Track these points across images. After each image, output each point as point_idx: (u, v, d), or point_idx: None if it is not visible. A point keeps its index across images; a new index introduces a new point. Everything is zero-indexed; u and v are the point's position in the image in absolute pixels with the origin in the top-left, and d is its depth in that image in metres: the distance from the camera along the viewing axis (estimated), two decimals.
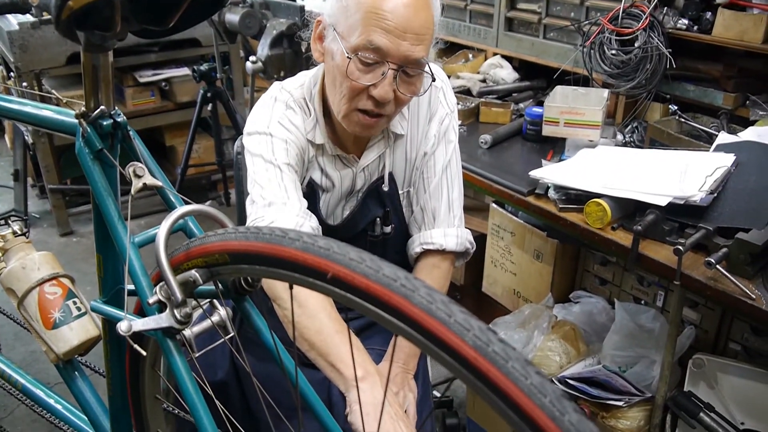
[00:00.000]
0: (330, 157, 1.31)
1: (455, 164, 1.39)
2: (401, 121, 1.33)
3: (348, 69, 1.12)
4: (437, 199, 1.36)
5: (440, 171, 1.36)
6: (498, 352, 0.50)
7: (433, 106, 1.35)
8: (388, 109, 1.18)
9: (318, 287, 0.59)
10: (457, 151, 1.40)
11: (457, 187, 1.40)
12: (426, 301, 0.53)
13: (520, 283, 2.13)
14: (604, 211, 1.46)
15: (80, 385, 1.16)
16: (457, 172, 1.40)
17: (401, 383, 1.26)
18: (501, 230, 2.12)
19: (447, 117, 1.36)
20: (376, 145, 1.33)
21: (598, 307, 1.95)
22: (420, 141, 1.36)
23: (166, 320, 0.71)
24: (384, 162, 1.35)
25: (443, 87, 1.36)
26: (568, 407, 0.49)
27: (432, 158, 1.36)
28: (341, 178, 1.33)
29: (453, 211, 1.38)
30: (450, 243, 1.36)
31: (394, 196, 1.37)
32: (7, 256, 1.15)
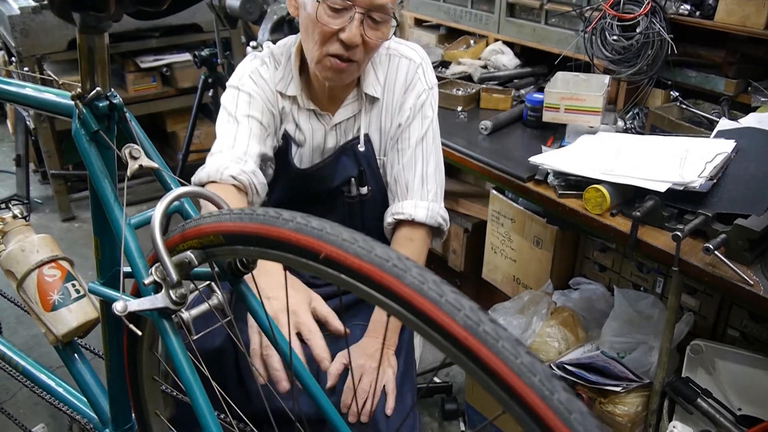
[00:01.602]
0: (305, 111, 1.39)
1: (431, 140, 1.41)
2: (375, 84, 1.38)
3: (318, 14, 1.20)
4: (410, 172, 1.39)
5: (414, 144, 1.39)
6: (488, 332, 0.50)
7: (410, 78, 1.39)
8: (358, 54, 1.24)
9: (311, 267, 0.59)
10: (434, 127, 1.42)
11: (433, 163, 1.41)
12: (417, 281, 0.53)
13: (519, 269, 2.14)
14: (603, 197, 1.46)
15: (79, 367, 1.17)
16: (434, 148, 1.42)
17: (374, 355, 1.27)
18: (501, 217, 2.12)
19: (425, 93, 1.39)
20: (350, 104, 1.39)
21: (597, 294, 1.96)
22: (395, 111, 1.40)
23: (162, 301, 0.71)
24: (359, 124, 1.40)
25: (423, 64, 1.41)
26: (557, 386, 0.49)
27: (407, 130, 1.39)
28: (312, 131, 1.40)
29: (427, 185, 1.39)
30: (420, 214, 1.37)
31: (371, 158, 1.42)
32: (6, 239, 1.15)
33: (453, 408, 2.08)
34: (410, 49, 1.42)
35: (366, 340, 1.31)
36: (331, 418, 0.87)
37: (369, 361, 1.24)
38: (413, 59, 1.40)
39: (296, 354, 0.89)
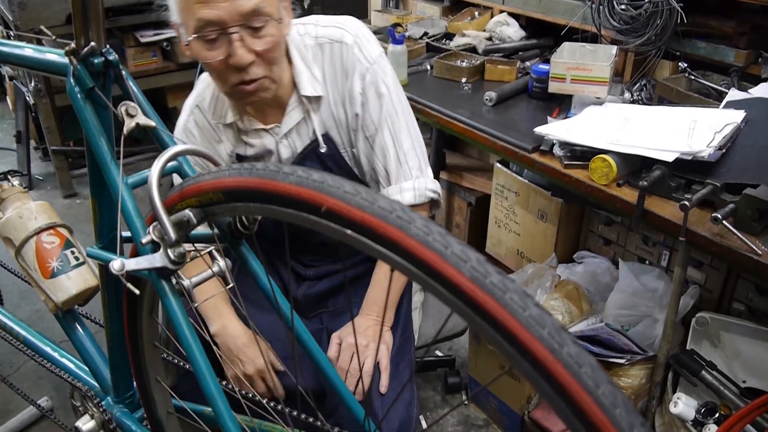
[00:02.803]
0: (253, 132, 1.32)
1: (396, 114, 1.31)
2: (313, 83, 1.28)
3: (197, 53, 1.12)
4: (385, 156, 1.31)
5: (380, 126, 1.30)
6: (495, 284, 0.48)
7: (347, 63, 1.28)
8: (258, 71, 1.15)
9: (312, 223, 0.57)
10: (395, 100, 1.32)
11: (406, 138, 1.33)
12: (422, 232, 0.51)
13: (523, 243, 2.12)
14: (609, 167, 1.44)
15: (80, 335, 1.16)
16: (402, 121, 1.33)
17: (372, 335, 1.27)
18: (505, 190, 2.10)
19: (368, 72, 1.28)
20: (294, 110, 1.30)
21: (602, 267, 1.94)
22: (345, 101, 1.30)
23: (160, 260, 0.70)
24: (312, 126, 1.31)
25: (356, 42, 1.28)
26: (566, 339, 0.48)
27: (367, 116, 1.30)
28: (264, 147, 1.33)
29: (406, 163, 1.32)
30: (407, 197, 1.32)
31: (336, 156, 1.34)
32: (3, 206, 1.13)
33: (456, 381, 2.08)
34: (339, 30, 1.29)
35: (359, 319, 1.31)
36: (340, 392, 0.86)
37: (360, 339, 1.23)
38: (345, 40, 1.27)
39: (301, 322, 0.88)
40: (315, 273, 1.46)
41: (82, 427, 1.05)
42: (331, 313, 1.45)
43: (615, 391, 0.47)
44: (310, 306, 1.46)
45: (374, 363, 1.24)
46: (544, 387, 0.47)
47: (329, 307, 1.46)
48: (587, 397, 0.46)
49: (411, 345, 1.42)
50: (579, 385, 0.46)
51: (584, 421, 0.46)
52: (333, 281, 1.46)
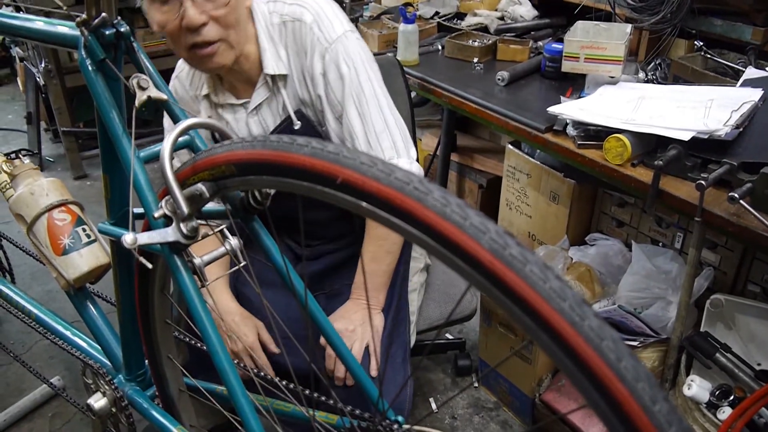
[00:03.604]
0: (227, 106, 1.33)
1: (363, 96, 1.26)
2: (276, 61, 1.26)
3: (152, 18, 1.12)
4: (353, 137, 1.26)
5: (346, 108, 1.26)
6: (515, 256, 0.47)
7: (306, 42, 1.25)
8: (212, 32, 1.13)
9: (328, 195, 0.56)
10: (363, 80, 1.26)
11: (377, 119, 1.27)
12: (440, 203, 0.50)
13: (535, 225, 2.10)
14: (624, 147, 1.42)
15: (91, 313, 1.16)
16: (373, 103, 1.27)
17: (360, 320, 1.27)
18: (517, 172, 2.09)
19: (327, 52, 1.23)
20: (262, 87, 1.29)
21: (615, 250, 1.92)
22: (307, 80, 1.28)
23: (172, 234, 0.69)
24: (282, 103, 1.30)
25: (315, 20, 1.24)
26: (588, 313, 0.46)
27: (332, 97, 1.26)
28: (237, 123, 1.33)
29: (378, 144, 1.27)
30: None
31: (311, 133, 1.31)
32: (15, 182, 1.13)
33: (466, 364, 2.07)
34: (300, 8, 1.25)
35: (348, 303, 1.30)
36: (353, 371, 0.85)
37: (347, 324, 1.23)
38: (303, 20, 1.24)
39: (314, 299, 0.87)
40: (311, 253, 1.46)
41: (94, 404, 1.06)
42: (327, 294, 1.45)
43: (637, 365, 0.46)
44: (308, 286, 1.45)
45: (362, 347, 1.24)
46: (564, 361, 0.46)
47: (326, 288, 1.45)
48: (609, 371, 0.45)
49: (404, 327, 1.41)
50: (600, 359, 0.45)
51: (606, 395, 0.45)
52: (330, 261, 1.46)
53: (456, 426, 1.94)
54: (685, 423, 0.45)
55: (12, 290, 1.37)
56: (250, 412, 0.71)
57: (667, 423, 0.44)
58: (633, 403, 0.44)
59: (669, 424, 0.44)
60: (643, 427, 0.44)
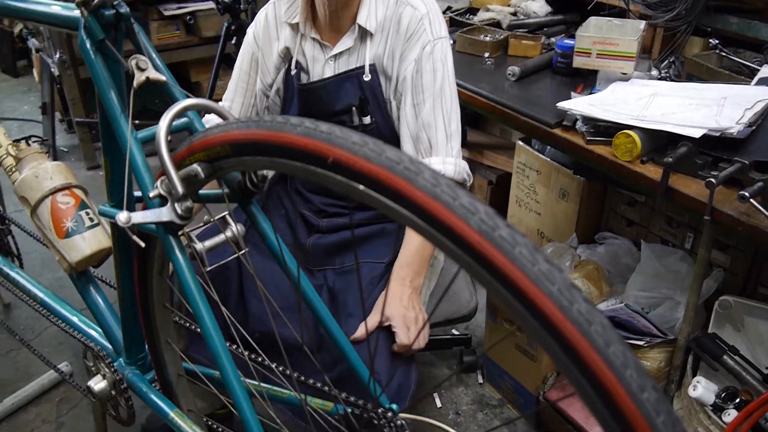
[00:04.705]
0: (309, 41, 1.41)
1: (449, 93, 1.38)
2: (370, 18, 1.36)
3: None
4: (432, 129, 1.35)
5: (431, 99, 1.35)
6: (505, 237, 0.46)
7: (412, 28, 1.35)
8: None
9: (319, 176, 0.56)
10: (450, 81, 1.38)
11: (455, 120, 1.38)
12: (430, 183, 0.49)
13: (544, 223, 2.09)
14: (633, 143, 1.40)
15: (94, 296, 1.16)
16: (452, 104, 1.38)
17: (418, 306, 1.25)
18: (527, 168, 2.07)
19: (430, 44, 1.34)
20: (348, 37, 1.38)
21: (623, 249, 1.91)
22: (395, 58, 1.37)
23: (167, 214, 0.69)
24: (360, 56, 1.39)
25: (429, 14, 1.36)
26: (577, 296, 0.46)
27: (419, 84, 1.35)
28: (314, 61, 1.42)
29: (451, 142, 1.38)
30: (449, 170, 1.36)
31: (377, 89, 1.39)
32: (20, 165, 1.14)
33: (472, 360, 2.06)
34: (419, 1, 1.37)
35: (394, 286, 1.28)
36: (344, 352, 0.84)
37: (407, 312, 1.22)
38: (418, 8, 1.35)
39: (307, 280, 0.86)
40: (327, 225, 1.46)
41: (94, 386, 1.06)
42: (337, 271, 1.44)
43: (626, 351, 0.45)
44: (317, 259, 1.45)
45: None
46: (551, 345, 0.46)
47: (336, 264, 1.44)
48: (596, 357, 0.44)
49: None
50: (588, 344, 0.44)
51: (593, 381, 0.44)
52: (344, 236, 1.45)
53: (460, 422, 1.93)
54: (674, 413, 0.44)
55: (19, 274, 1.38)
56: (241, 395, 0.71)
57: (655, 411, 0.43)
58: (620, 389, 0.43)
59: (657, 413, 0.43)
60: (630, 415, 0.43)
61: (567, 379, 0.46)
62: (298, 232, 1.50)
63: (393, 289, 1.26)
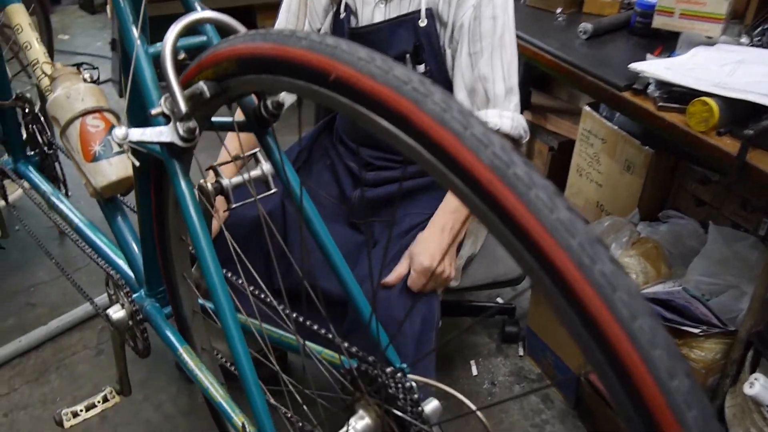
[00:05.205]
0: None
1: (510, 46, 1.30)
2: None
3: None
4: (490, 81, 1.28)
5: (491, 49, 1.26)
6: (520, 176, 0.38)
7: None
8: None
9: (321, 96, 0.48)
10: (509, 34, 1.30)
11: (514, 73, 1.31)
12: (439, 108, 0.41)
13: (605, 195, 1.96)
14: (710, 112, 1.26)
15: (120, 225, 1.14)
16: (512, 56, 1.31)
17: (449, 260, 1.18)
18: (591, 136, 1.94)
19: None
20: None
21: (689, 229, 1.76)
22: (453, 2, 1.28)
23: (168, 134, 0.63)
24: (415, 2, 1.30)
25: None
26: (602, 255, 0.37)
27: (477, 32, 1.27)
28: (363, 4, 1.33)
29: (510, 96, 1.30)
30: (506, 124, 1.28)
31: (432, 35, 1.30)
32: (54, 85, 1.11)
33: (513, 331, 1.99)
34: None
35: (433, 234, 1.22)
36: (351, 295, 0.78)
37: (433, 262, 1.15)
38: None
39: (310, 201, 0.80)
40: (374, 177, 1.40)
41: (112, 315, 1.04)
42: (384, 224, 1.38)
43: (656, 327, 0.36)
44: (363, 212, 1.39)
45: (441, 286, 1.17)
46: (565, 310, 0.38)
47: (382, 216, 1.39)
48: (618, 330, 0.36)
49: None
50: (609, 313, 0.36)
51: (613, 359, 0.36)
52: (391, 190, 1.39)
53: (494, 393, 1.86)
54: (709, 408, 0.36)
55: (56, 196, 1.37)
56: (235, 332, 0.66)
57: (686, 404, 0.35)
58: (645, 373, 0.35)
59: (688, 406, 0.35)
60: (655, 406, 0.35)
61: (583, 354, 0.38)
62: (343, 184, 1.45)
63: (428, 233, 1.20)
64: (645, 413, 0.35)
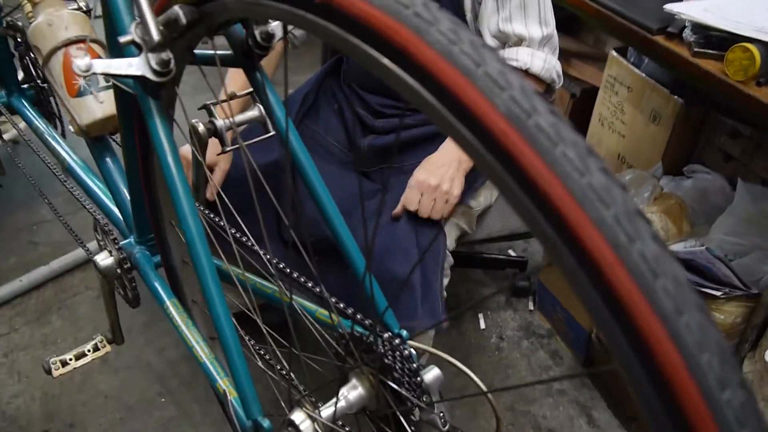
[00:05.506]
0: None
1: None
2: None
3: None
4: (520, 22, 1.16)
5: None
6: (544, 128, 0.30)
7: None
8: None
9: (307, 23, 0.40)
10: None
11: (550, 13, 1.22)
12: (446, 39, 0.33)
13: (627, 147, 1.86)
14: (751, 59, 1.15)
15: (109, 167, 1.07)
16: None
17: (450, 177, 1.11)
18: (617, 83, 1.82)
19: None
20: None
21: (715, 186, 1.67)
22: None
23: (138, 66, 0.55)
24: None
25: None
26: (642, 232, 0.29)
27: None
28: None
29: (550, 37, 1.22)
30: (536, 64, 1.17)
31: None
32: (36, 11, 1.02)
33: (524, 285, 1.93)
34: None
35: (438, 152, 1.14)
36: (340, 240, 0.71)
37: (429, 177, 1.07)
38: None
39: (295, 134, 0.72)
40: (384, 125, 1.32)
41: (100, 262, 0.99)
42: (395, 173, 1.30)
43: (707, 325, 0.29)
44: (373, 159, 1.32)
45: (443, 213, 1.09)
46: (592, 297, 0.30)
47: (394, 162, 1.31)
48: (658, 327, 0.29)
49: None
50: (649, 305, 0.29)
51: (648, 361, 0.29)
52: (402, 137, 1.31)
53: (502, 347, 1.82)
54: (766, 425, 0.29)
55: (50, 133, 1.30)
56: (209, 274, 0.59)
57: (738, 422, 0.28)
58: (688, 381, 0.28)
59: (740, 425, 0.28)
60: (699, 421, 0.28)
61: (612, 350, 0.30)
62: (352, 131, 1.37)
63: (436, 154, 1.12)
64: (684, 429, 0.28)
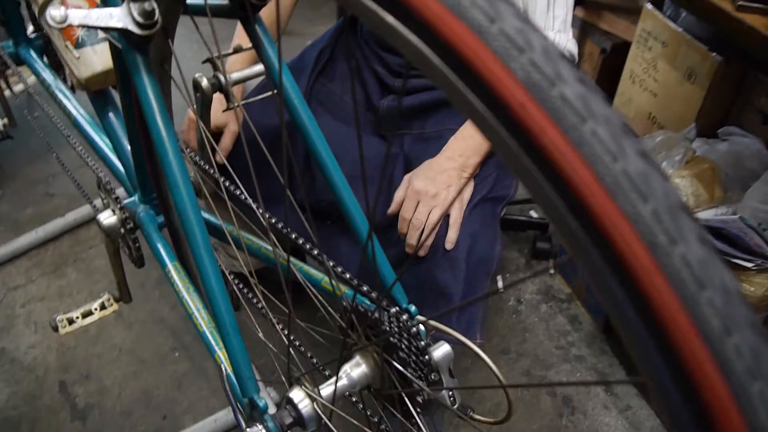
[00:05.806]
0: None
1: None
2: None
3: None
4: None
5: None
6: (569, 100, 0.25)
7: None
8: None
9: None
10: None
11: None
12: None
13: (659, 106, 1.77)
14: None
15: (113, 122, 1.03)
16: None
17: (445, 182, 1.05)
18: (651, 38, 1.72)
19: None
20: None
21: (752, 150, 1.58)
22: None
23: (120, 17, 0.50)
24: None
25: None
26: (686, 231, 0.24)
27: None
28: None
29: (553, 9, 1.10)
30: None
31: None
32: None
33: (545, 248, 1.87)
34: None
35: (437, 158, 1.08)
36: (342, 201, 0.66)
37: (427, 185, 1.02)
38: None
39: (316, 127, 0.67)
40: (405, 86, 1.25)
41: (103, 221, 0.95)
42: (415, 137, 1.24)
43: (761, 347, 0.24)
44: (391, 122, 1.25)
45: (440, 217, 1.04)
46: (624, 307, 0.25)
47: (414, 128, 1.24)
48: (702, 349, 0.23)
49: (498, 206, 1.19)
50: (691, 323, 0.23)
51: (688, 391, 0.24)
52: (424, 98, 1.23)
53: (520, 310, 1.78)
54: None
55: (56, 85, 1.26)
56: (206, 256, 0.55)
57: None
58: (737, 417, 0.23)
59: None
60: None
61: (645, 374, 0.25)
62: (370, 90, 1.29)
63: (433, 160, 1.06)
64: None
